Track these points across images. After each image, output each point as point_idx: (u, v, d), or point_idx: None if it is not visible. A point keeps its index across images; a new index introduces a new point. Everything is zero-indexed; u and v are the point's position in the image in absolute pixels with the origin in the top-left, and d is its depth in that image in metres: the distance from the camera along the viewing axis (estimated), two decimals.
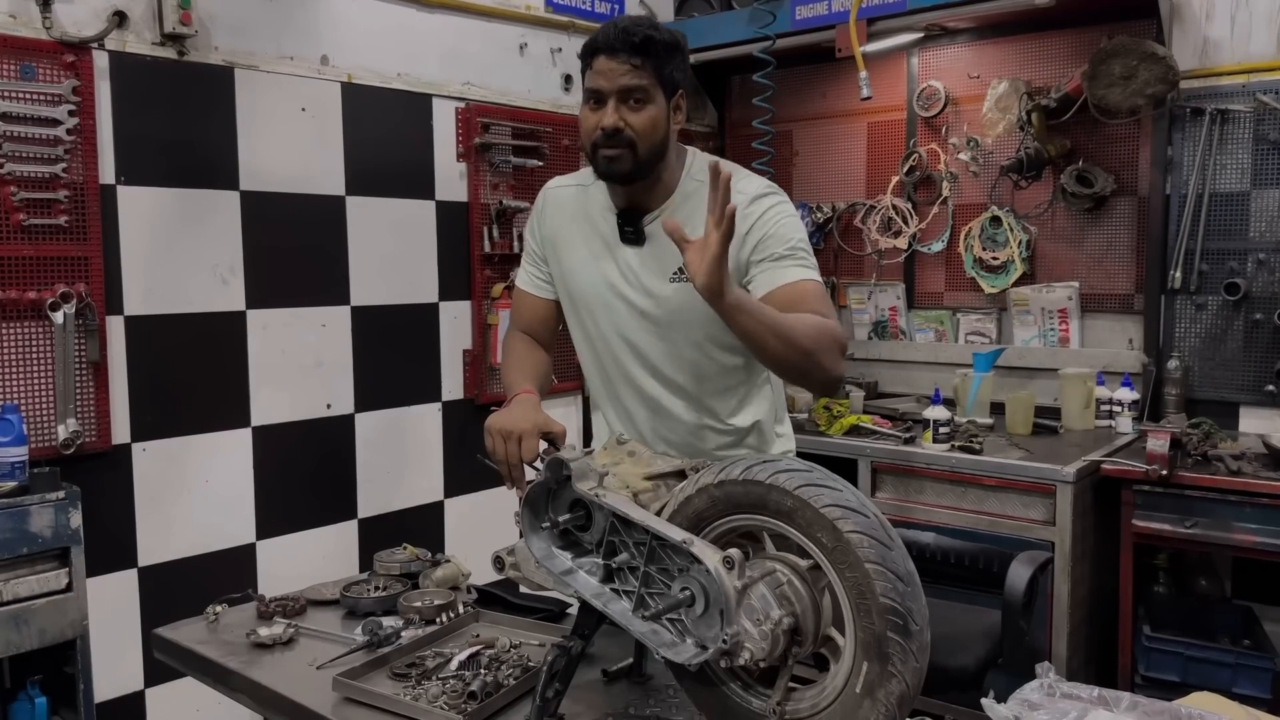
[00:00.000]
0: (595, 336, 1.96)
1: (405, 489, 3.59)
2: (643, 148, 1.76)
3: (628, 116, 1.75)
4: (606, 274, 1.90)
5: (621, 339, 1.92)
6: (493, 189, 3.76)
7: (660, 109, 1.77)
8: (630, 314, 1.89)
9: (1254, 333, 3.39)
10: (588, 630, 1.54)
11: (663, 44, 1.75)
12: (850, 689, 1.26)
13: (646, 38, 1.73)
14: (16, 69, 2.61)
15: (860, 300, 4.34)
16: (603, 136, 1.75)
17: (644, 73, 1.74)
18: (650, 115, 1.76)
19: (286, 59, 3.18)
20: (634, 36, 1.72)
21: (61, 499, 2.47)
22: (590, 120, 1.78)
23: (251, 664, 1.87)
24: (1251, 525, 2.86)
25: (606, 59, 1.74)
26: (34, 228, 2.65)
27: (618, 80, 1.74)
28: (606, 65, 1.74)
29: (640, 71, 1.73)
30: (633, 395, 1.96)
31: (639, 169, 1.78)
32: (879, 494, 3.37)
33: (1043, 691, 1.39)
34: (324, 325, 3.33)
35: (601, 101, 1.76)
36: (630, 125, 1.75)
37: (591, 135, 1.77)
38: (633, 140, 1.75)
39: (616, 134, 1.74)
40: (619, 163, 1.77)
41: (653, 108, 1.76)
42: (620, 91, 1.74)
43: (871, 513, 1.26)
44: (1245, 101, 3.36)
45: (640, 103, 1.75)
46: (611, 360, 1.96)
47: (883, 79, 4.06)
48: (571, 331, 2.05)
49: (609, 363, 1.97)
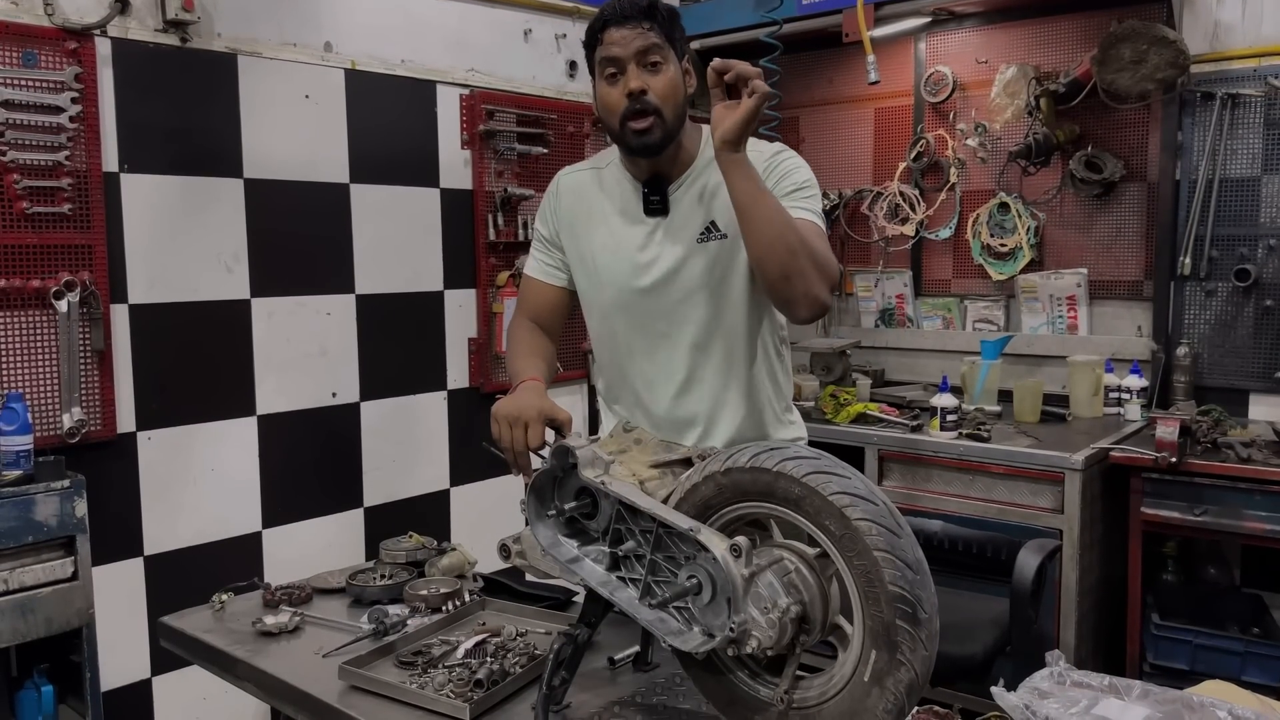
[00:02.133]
0: (621, 314, 1.96)
1: (411, 477, 3.58)
2: (668, 111, 1.80)
3: (649, 80, 1.79)
4: (634, 246, 1.92)
5: (649, 309, 1.93)
6: (497, 176, 3.74)
7: (676, 70, 1.83)
8: (661, 282, 1.90)
9: (1264, 319, 3.37)
10: (594, 618, 1.54)
11: (667, 11, 1.82)
12: (859, 677, 1.25)
13: (651, 3, 1.79)
14: (19, 56, 2.60)
15: (867, 288, 4.32)
16: (629, 106, 1.78)
17: (655, 34, 1.79)
18: (669, 76, 1.81)
19: (290, 46, 3.16)
20: (639, 2, 1.78)
21: (67, 488, 2.47)
22: (612, 94, 1.81)
23: (257, 652, 1.87)
24: (1261, 513, 2.84)
25: (617, 29, 1.78)
26: (37, 216, 2.64)
27: (633, 44, 1.77)
28: (618, 34, 1.78)
29: (651, 33, 1.78)
30: (657, 370, 1.95)
31: (668, 136, 1.82)
32: (886, 482, 3.36)
33: (1053, 680, 1.38)
34: (329, 313, 3.32)
35: (620, 70, 1.79)
36: (653, 89, 1.79)
37: (618, 108, 1.80)
38: (658, 106, 1.79)
39: (642, 96, 1.78)
40: (650, 134, 1.80)
41: (670, 68, 1.81)
42: (637, 54, 1.78)
43: (880, 500, 1.25)
44: (1256, 86, 3.33)
45: (657, 65, 1.80)
46: (636, 335, 1.95)
47: (890, 64, 4.03)
48: (589, 314, 2.04)
49: (632, 338, 1.96)
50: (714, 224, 1.87)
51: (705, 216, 1.87)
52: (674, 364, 1.94)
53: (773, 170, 1.84)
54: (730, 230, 1.84)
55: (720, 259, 1.87)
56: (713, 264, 1.88)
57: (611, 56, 1.79)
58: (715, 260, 1.87)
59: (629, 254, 1.92)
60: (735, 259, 1.87)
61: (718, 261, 1.87)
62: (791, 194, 1.82)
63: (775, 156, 1.88)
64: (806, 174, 1.87)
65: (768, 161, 1.85)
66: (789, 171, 1.86)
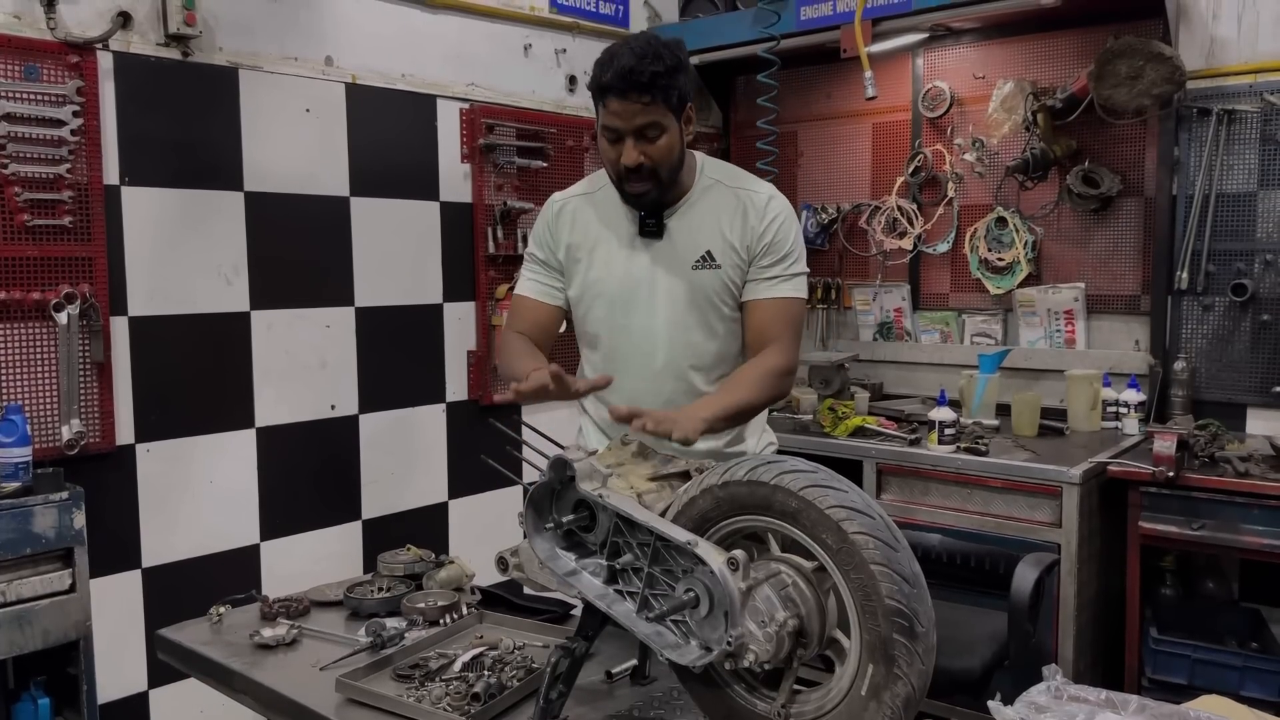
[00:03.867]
0: (615, 330, 2.05)
1: (409, 490, 3.58)
2: (664, 172, 1.91)
3: (646, 150, 1.88)
4: (629, 268, 2.01)
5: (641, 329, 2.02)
6: (497, 190, 3.76)
7: (675, 133, 1.90)
8: (654, 303, 2.00)
9: (1261, 334, 3.37)
10: (591, 632, 1.54)
11: (667, 72, 1.83)
12: (856, 691, 1.25)
13: (652, 75, 1.81)
14: (21, 69, 2.61)
15: (865, 301, 4.33)
16: (626, 171, 1.89)
17: (655, 107, 1.85)
18: (667, 143, 1.89)
19: (291, 60, 3.17)
20: (640, 76, 1.81)
21: (65, 500, 2.47)
22: (611, 154, 1.92)
23: (255, 665, 1.87)
24: (1259, 527, 2.84)
25: (618, 101, 1.84)
26: (38, 228, 2.64)
27: (633, 121, 1.85)
28: (618, 106, 1.85)
29: (651, 107, 1.84)
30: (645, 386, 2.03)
31: (663, 190, 1.94)
32: (884, 496, 3.36)
33: (1050, 694, 1.38)
34: (328, 326, 3.32)
35: (619, 138, 1.88)
36: (650, 157, 1.88)
37: (615, 168, 1.91)
38: (654, 170, 1.89)
39: (639, 168, 1.88)
40: (646, 196, 1.93)
41: (668, 135, 1.88)
42: (636, 130, 1.86)
43: (877, 514, 1.25)
44: (1252, 101, 3.34)
45: (656, 134, 1.87)
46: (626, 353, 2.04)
47: (888, 79, 4.05)
48: (582, 333, 2.13)
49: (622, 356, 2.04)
50: (709, 254, 1.98)
51: (700, 245, 1.98)
52: (662, 380, 2.03)
53: (770, 228, 1.97)
54: (722, 260, 1.97)
55: (712, 285, 1.98)
56: (704, 289, 1.98)
57: (611, 126, 1.88)
58: (706, 286, 1.98)
59: (625, 274, 2.01)
60: (724, 287, 1.99)
61: (709, 287, 1.98)
62: (776, 265, 1.97)
63: (765, 214, 1.97)
64: (794, 236, 1.99)
65: (767, 210, 1.97)
66: (777, 240, 1.97)
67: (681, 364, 2.03)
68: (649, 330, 2.01)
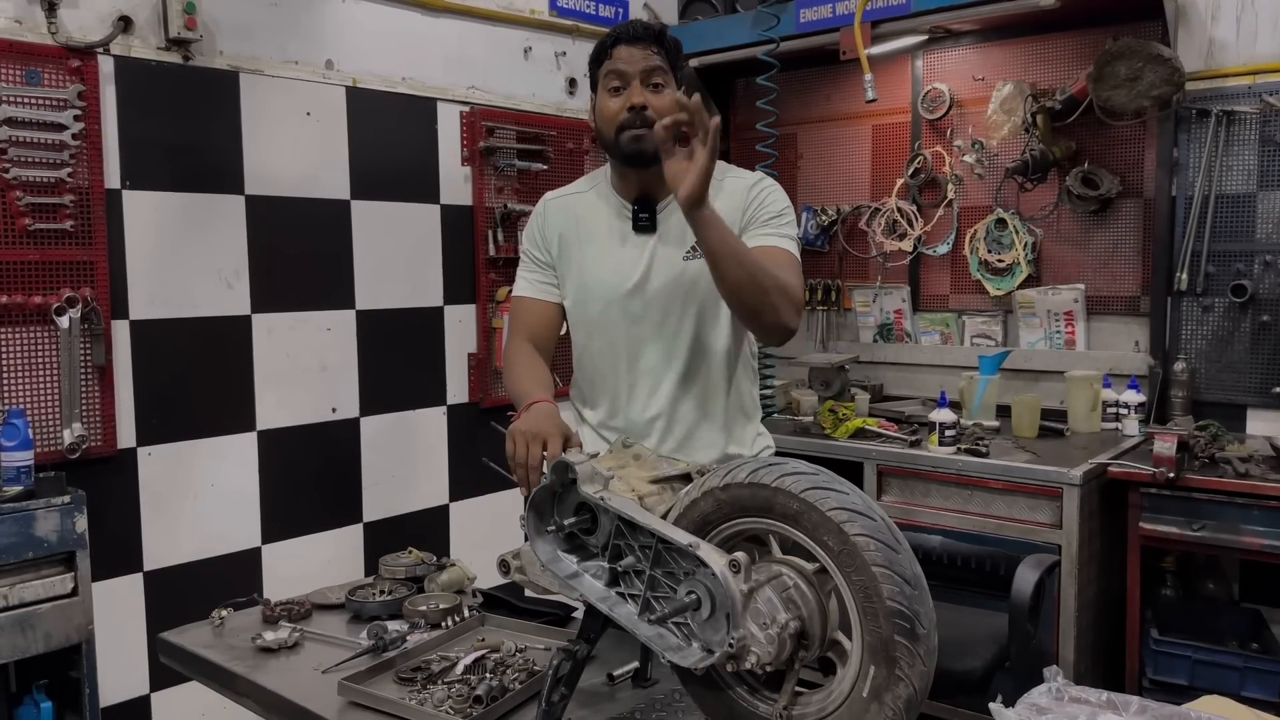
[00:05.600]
0: (609, 327, 2.03)
1: (410, 493, 3.59)
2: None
3: (650, 98, 1.90)
4: (622, 261, 2.00)
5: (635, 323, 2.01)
6: (497, 192, 3.76)
7: (674, 94, 1.89)
8: (648, 297, 1.99)
9: (1261, 335, 3.38)
10: (593, 634, 1.54)
11: (673, 39, 1.95)
12: (857, 693, 1.25)
13: (660, 30, 1.94)
14: (22, 74, 2.62)
15: (865, 303, 4.33)
16: (629, 118, 1.90)
17: (661, 59, 1.92)
18: (669, 98, 1.89)
19: (291, 63, 3.18)
20: (650, 29, 1.94)
21: (67, 503, 2.47)
22: (613, 105, 1.92)
23: (257, 668, 1.87)
24: (1259, 528, 2.84)
25: (627, 47, 1.91)
26: (39, 232, 2.65)
27: (640, 64, 1.90)
28: (627, 52, 1.91)
29: (658, 57, 1.91)
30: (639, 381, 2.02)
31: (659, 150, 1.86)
32: (885, 497, 3.36)
33: (1051, 695, 1.38)
34: (329, 329, 3.33)
35: (625, 85, 1.91)
36: (653, 106, 1.89)
37: (616, 117, 1.92)
38: (655, 120, 1.84)
39: (643, 112, 1.88)
40: (645, 141, 1.88)
41: (670, 91, 1.92)
42: (643, 74, 1.90)
43: (878, 516, 1.25)
44: (1251, 103, 3.35)
45: (660, 86, 1.92)
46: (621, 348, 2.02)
47: (887, 81, 4.06)
48: (576, 329, 2.11)
49: (617, 351, 2.03)
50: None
51: (691, 236, 1.93)
52: (656, 376, 2.01)
53: (755, 200, 1.98)
54: None
55: (705, 276, 1.94)
56: (698, 281, 1.96)
57: (618, 70, 1.91)
58: (700, 277, 1.95)
59: (617, 269, 2.00)
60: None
61: (702, 279, 1.95)
62: (768, 222, 1.96)
63: (755, 186, 2.00)
64: (784, 203, 2.00)
65: (748, 192, 1.99)
66: (767, 201, 1.98)
67: (679, 358, 2.01)
68: (640, 323, 2.00)
